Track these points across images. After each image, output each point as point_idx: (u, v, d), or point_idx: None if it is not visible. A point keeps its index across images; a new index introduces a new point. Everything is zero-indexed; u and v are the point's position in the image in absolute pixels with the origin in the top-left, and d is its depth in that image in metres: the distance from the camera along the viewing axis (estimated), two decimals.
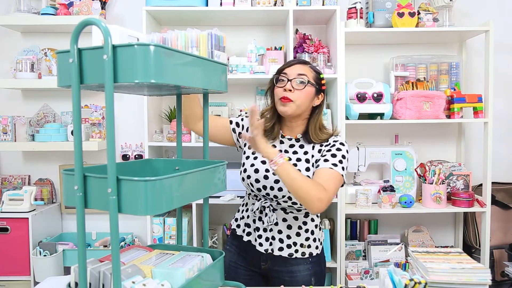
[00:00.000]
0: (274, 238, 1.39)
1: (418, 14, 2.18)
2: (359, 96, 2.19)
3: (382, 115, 2.18)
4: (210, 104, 2.14)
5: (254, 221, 1.42)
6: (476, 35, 2.29)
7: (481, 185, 2.27)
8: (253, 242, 1.42)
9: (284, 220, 1.39)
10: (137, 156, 2.37)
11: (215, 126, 1.46)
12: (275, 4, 2.18)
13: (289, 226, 1.39)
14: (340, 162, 1.32)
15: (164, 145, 2.22)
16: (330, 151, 1.35)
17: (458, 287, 1.03)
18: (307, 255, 1.41)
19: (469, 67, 2.46)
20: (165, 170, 1.10)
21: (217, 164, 1.00)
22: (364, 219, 2.45)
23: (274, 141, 1.43)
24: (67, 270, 2.20)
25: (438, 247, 1.95)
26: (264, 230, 1.40)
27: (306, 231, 1.41)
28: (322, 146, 1.39)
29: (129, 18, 2.47)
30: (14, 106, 2.49)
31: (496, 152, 2.41)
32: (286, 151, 1.41)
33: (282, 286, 1.26)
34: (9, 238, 2.18)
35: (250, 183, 1.39)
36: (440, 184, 2.12)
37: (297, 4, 2.15)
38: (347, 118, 2.17)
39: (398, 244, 2.32)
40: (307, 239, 1.41)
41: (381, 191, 2.16)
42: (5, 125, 2.23)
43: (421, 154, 2.44)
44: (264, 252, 1.40)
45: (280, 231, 1.39)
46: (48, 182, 2.48)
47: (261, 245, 1.40)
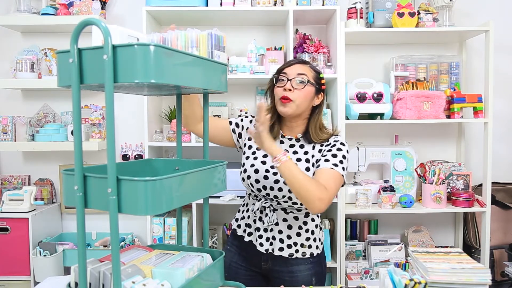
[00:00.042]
0: (274, 238, 1.39)
1: (418, 14, 2.18)
2: (359, 96, 2.19)
3: (382, 115, 2.18)
4: (210, 104, 2.14)
5: (255, 221, 1.42)
6: (476, 35, 2.29)
7: (481, 185, 2.27)
8: (253, 242, 1.42)
9: (284, 220, 1.39)
10: (137, 156, 2.37)
11: (215, 127, 1.47)
12: (275, 4, 2.18)
13: (289, 226, 1.40)
14: (340, 162, 1.32)
15: (164, 145, 2.22)
16: (330, 151, 1.35)
17: (458, 287, 1.03)
18: (308, 255, 1.41)
19: (469, 67, 2.46)
20: (165, 170, 1.10)
21: (217, 164, 1.00)
22: (364, 219, 2.45)
23: (274, 140, 1.43)
24: (67, 270, 2.20)
25: (438, 247, 1.95)
26: (264, 230, 1.40)
27: (307, 231, 1.41)
28: (322, 146, 1.39)
29: (129, 18, 2.47)
30: (14, 106, 2.49)
31: (496, 152, 2.41)
32: (286, 151, 1.40)
33: (282, 286, 1.26)
34: (9, 238, 2.18)
35: (250, 184, 1.39)
36: (440, 184, 2.12)
37: (297, 4, 2.15)
38: (347, 118, 2.17)
39: (398, 244, 2.32)
40: (308, 239, 1.41)
41: (381, 191, 2.16)
42: (5, 125, 2.23)
43: (421, 154, 2.44)
44: (264, 252, 1.39)
45: (280, 231, 1.39)
46: (48, 182, 2.48)
47: (261, 245, 1.40)
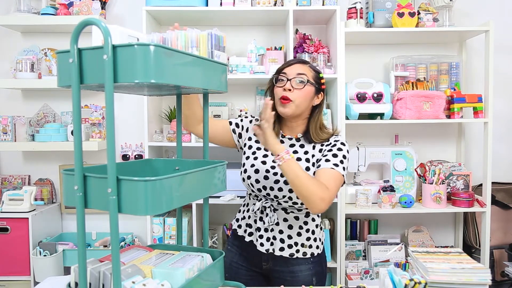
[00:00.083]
0: (275, 238, 1.39)
1: (418, 14, 2.18)
2: (359, 96, 2.19)
3: (382, 115, 2.18)
4: (210, 104, 2.14)
5: (255, 221, 1.42)
6: (476, 35, 2.29)
7: (481, 185, 2.27)
8: (254, 242, 1.42)
9: (285, 220, 1.39)
10: (137, 156, 2.37)
11: (215, 128, 1.47)
12: (275, 4, 2.18)
13: (290, 226, 1.39)
14: (341, 162, 1.32)
15: (164, 145, 2.22)
16: (331, 151, 1.35)
17: (458, 287, 1.03)
18: (308, 255, 1.41)
19: (469, 67, 2.46)
20: (165, 170, 1.10)
21: (217, 164, 1.00)
22: (364, 219, 2.45)
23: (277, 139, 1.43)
24: (67, 270, 2.20)
25: (438, 247, 1.95)
26: (265, 230, 1.40)
27: (307, 231, 1.41)
28: (323, 145, 1.39)
29: (129, 18, 2.47)
30: (14, 106, 2.49)
31: (496, 152, 2.41)
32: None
33: (282, 286, 1.26)
34: (9, 238, 2.18)
35: (251, 184, 1.39)
36: (440, 184, 2.12)
37: (297, 4, 2.15)
38: (347, 118, 2.17)
39: (398, 244, 2.32)
40: (308, 239, 1.41)
41: (381, 191, 2.16)
42: (5, 125, 2.23)
43: (421, 154, 2.44)
44: (265, 252, 1.39)
45: (281, 231, 1.39)
46: (48, 182, 2.48)
47: (262, 245, 1.40)
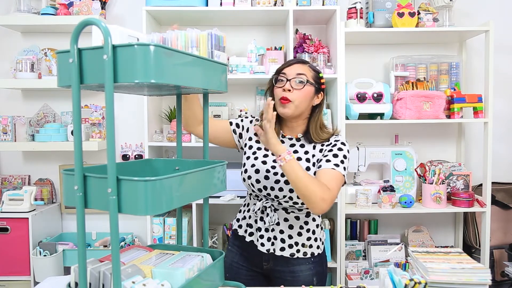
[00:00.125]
0: (276, 238, 1.39)
1: (418, 14, 2.18)
2: (359, 96, 2.19)
3: (382, 115, 2.18)
4: (210, 104, 2.14)
5: (256, 221, 1.42)
6: (476, 35, 2.29)
7: (481, 185, 2.27)
8: (255, 242, 1.42)
9: (285, 220, 1.39)
10: (137, 156, 2.37)
11: (215, 128, 1.46)
12: (275, 4, 2.18)
13: (290, 226, 1.39)
14: (341, 162, 1.32)
15: (164, 145, 2.22)
16: (331, 151, 1.35)
17: (458, 287, 1.03)
18: (309, 255, 1.41)
19: (469, 67, 2.46)
20: (165, 170, 1.10)
21: (217, 164, 1.00)
22: (364, 219, 2.45)
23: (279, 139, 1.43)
24: (67, 270, 2.20)
25: (438, 247, 1.95)
26: (265, 230, 1.40)
27: (308, 231, 1.41)
28: (323, 145, 1.39)
29: (129, 18, 2.47)
30: (14, 106, 2.49)
31: (496, 152, 2.41)
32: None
33: (282, 286, 1.26)
34: (9, 238, 2.18)
35: (251, 184, 1.39)
36: (440, 184, 2.12)
37: (297, 4, 2.15)
38: (347, 118, 2.17)
39: (398, 244, 2.32)
40: (309, 239, 1.41)
41: (381, 191, 2.16)
42: (5, 125, 2.23)
43: (421, 154, 2.44)
44: (266, 252, 1.39)
45: (281, 231, 1.39)
46: (48, 182, 2.48)
47: (263, 245, 1.40)
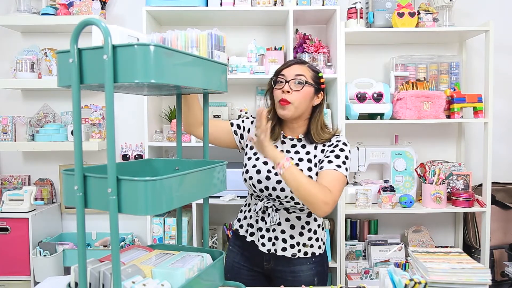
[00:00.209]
0: (277, 238, 1.39)
1: (418, 14, 2.18)
2: (359, 96, 2.19)
3: (382, 115, 2.18)
4: (210, 104, 2.14)
5: (257, 221, 1.42)
6: (476, 35, 2.29)
7: (481, 185, 2.27)
8: (256, 242, 1.42)
9: (287, 220, 1.39)
10: (137, 156, 2.37)
11: (216, 129, 1.46)
12: (275, 4, 2.18)
13: (292, 226, 1.39)
14: (343, 163, 1.32)
15: (164, 145, 2.22)
16: (333, 152, 1.35)
17: (458, 287, 1.03)
18: (310, 255, 1.41)
19: (469, 67, 2.46)
20: (165, 170, 1.10)
21: (217, 164, 1.00)
22: (364, 219, 2.45)
23: (275, 141, 1.43)
24: (67, 270, 2.20)
25: (438, 247, 1.95)
26: (267, 230, 1.40)
27: (309, 231, 1.41)
28: (324, 146, 1.39)
29: (129, 18, 2.47)
30: (14, 106, 2.49)
31: (496, 152, 2.41)
32: (288, 151, 1.40)
33: (282, 286, 1.26)
34: (9, 238, 2.18)
35: (252, 184, 1.39)
36: (440, 184, 2.12)
37: (297, 4, 2.15)
38: (347, 118, 2.17)
39: (398, 244, 2.32)
40: (310, 239, 1.41)
41: (381, 191, 2.16)
42: (5, 125, 2.23)
43: (421, 154, 2.44)
44: (267, 252, 1.39)
45: (283, 231, 1.39)
46: (48, 182, 2.48)
47: (264, 245, 1.40)
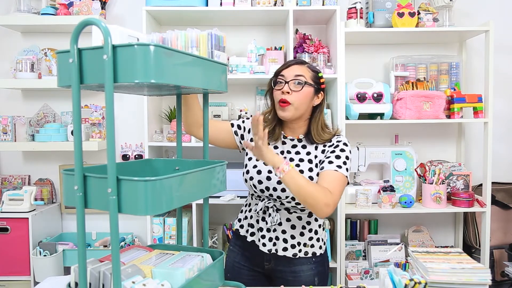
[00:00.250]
0: (278, 238, 1.39)
1: (418, 14, 2.18)
2: (359, 96, 2.19)
3: (382, 115, 2.18)
4: (210, 104, 2.14)
5: (258, 221, 1.41)
6: (476, 35, 2.29)
7: (481, 185, 2.27)
8: (256, 242, 1.42)
9: (287, 220, 1.39)
10: (137, 156, 2.37)
11: (216, 130, 1.46)
12: (275, 4, 2.18)
13: (293, 226, 1.39)
14: (344, 163, 1.32)
15: (164, 145, 2.22)
16: (334, 152, 1.35)
17: (458, 287, 1.03)
18: (311, 255, 1.41)
19: (469, 67, 2.46)
20: (165, 170, 1.10)
21: (217, 164, 1.00)
22: (364, 219, 2.45)
23: (276, 142, 1.43)
24: (67, 270, 2.20)
25: (438, 247, 1.95)
26: (267, 230, 1.40)
27: (310, 231, 1.41)
28: (325, 146, 1.39)
29: (129, 18, 2.47)
30: (14, 106, 2.49)
31: (496, 152, 2.41)
32: (289, 152, 1.40)
33: (282, 286, 1.26)
34: (9, 238, 2.18)
35: (253, 185, 1.39)
36: (440, 184, 2.12)
37: (297, 4, 2.15)
38: (347, 118, 2.17)
39: (398, 244, 2.32)
40: (311, 239, 1.41)
41: (381, 191, 2.16)
42: (5, 125, 2.23)
43: (421, 154, 2.44)
44: (267, 252, 1.39)
45: (284, 231, 1.39)
46: (48, 182, 2.48)
47: (264, 245, 1.39)
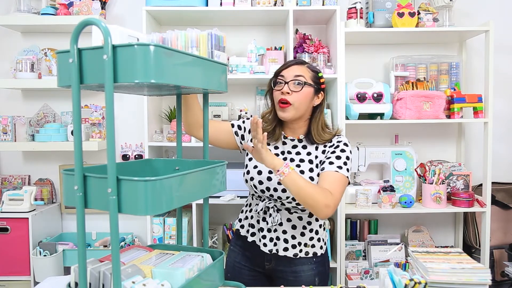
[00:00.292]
0: (278, 239, 1.39)
1: (418, 14, 2.18)
2: (359, 96, 2.19)
3: (382, 115, 2.18)
4: (210, 104, 2.14)
5: (258, 221, 1.41)
6: (476, 35, 2.29)
7: (481, 185, 2.27)
8: (257, 243, 1.42)
9: (288, 220, 1.39)
10: (137, 156, 2.37)
11: (216, 130, 1.45)
12: (275, 4, 2.18)
13: (293, 226, 1.39)
14: (344, 164, 1.32)
15: (164, 145, 2.22)
16: (334, 153, 1.35)
17: (458, 287, 1.03)
18: (311, 255, 1.41)
19: (469, 67, 2.46)
20: (165, 170, 1.10)
21: (217, 164, 1.00)
22: (364, 219, 2.45)
23: (276, 142, 1.43)
24: (67, 270, 2.20)
25: (438, 247, 1.95)
26: (268, 230, 1.39)
27: (311, 231, 1.41)
28: (325, 146, 1.39)
29: (129, 18, 2.47)
30: (14, 106, 2.49)
31: (496, 152, 2.41)
32: (289, 152, 1.40)
33: (283, 286, 1.26)
34: (9, 238, 2.18)
35: (254, 185, 1.39)
36: (440, 184, 2.12)
37: (297, 4, 2.15)
38: (347, 118, 2.17)
39: (398, 244, 2.32)
40: (312, 239, 1.41)
41: (381, 191, 2.16)
42: (5, 125, 2.23)
43: (421, 154, 2.44)
44: (268, 252, 1.39)
45: (284, 231, 1.39)
46: (48, 182, 2.48)
47: (265, 245, 1.39)
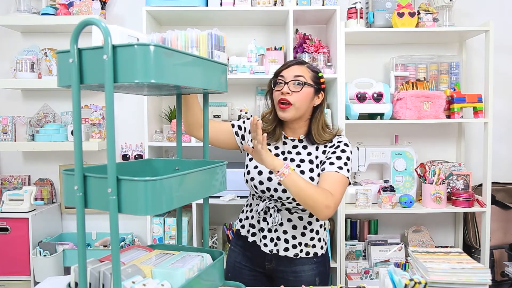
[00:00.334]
0: (279, 239, 1.39)
1: (418, 14, 2.18)
2: (359, 96, 2.19)
3: (382, 115, 2.18)
4: (210, 104, 2.14)
5: (259, 221, 1.41)
6: (476, 35, 2.29)
7: (481, 185, 2.27)
8: (258, 243, 1.42)
9: (289, 220, 1.39)
10: (137, 156, 2.37)
11: (216, 131, 1.45)
12: (275, 4, 2.18)
13: (294, 226, 1.39)
14: (345, 164, 1.32)
15: (164, 145, 2.22)
16: (335, 153, 1.34)
17: (458, 287, 1.03)
18: (312, 255, 1.41)
19: (469, 67, 2.46)
20: (165, 170, 1.10)
21: (217, 164, 1.00)
22: (364, 219, 2.45)
23: (277, 142, 1.43)
24: (67, 270, 2.20)
25: (438, 247, 1.95)
26: (269, 230, 1.39)
27: (311, 231, 1.41)
28: (326, 147, 1.39)
29: (129, 18, 2.47)
30: (14, 106, 2.49)
31: (496, 152, 2.41)
32: (290, 152, 1.40)
33: (283, 286, 1.26)
34: (9, 238, 2.18)
35: (254, 185, 1.39)
36: (440, 184, 2.12)
37: (297, 4, 2.15)
38: (347, 118, 2.17)
39: (398, 244, 2.32)
40: (312, 239, 1.41)
41: (381, 191, 2.16)
42: (5, 125, 2.23)
43: (421, 154, 2.44)
44: (269, 252, 1.39)
45: (285, 232, 1.39)
46: (48, 182, 2.48)
47: (266, 245, 1.39)
